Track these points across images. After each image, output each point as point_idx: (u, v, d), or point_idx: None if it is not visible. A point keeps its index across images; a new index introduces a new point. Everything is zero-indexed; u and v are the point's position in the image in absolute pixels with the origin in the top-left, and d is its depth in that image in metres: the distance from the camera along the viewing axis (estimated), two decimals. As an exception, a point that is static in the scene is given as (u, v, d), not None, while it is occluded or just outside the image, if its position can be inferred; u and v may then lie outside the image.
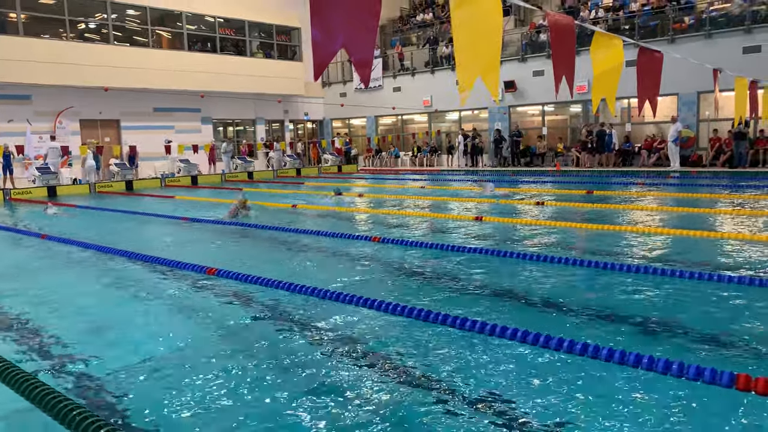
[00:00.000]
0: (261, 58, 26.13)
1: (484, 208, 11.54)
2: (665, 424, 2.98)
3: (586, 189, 14.04)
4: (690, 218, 9.37)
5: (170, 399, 3.41)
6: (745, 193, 12.56)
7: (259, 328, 4.64)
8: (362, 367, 3.79)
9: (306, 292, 5.32)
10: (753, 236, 7.49)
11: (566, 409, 3.14)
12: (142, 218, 12.21)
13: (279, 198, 15.24)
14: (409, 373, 3.68)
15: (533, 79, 22.51)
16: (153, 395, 3.49)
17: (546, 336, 3.86)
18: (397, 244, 7.78)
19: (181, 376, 3.73)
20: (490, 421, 3.04)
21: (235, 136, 27.19)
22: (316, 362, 3.87)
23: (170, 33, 23.34)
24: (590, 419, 3.05)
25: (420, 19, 28.98)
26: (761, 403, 3.06)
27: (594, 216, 9.96)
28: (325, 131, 30.22)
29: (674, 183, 15.68)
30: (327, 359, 3.93)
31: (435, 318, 4.40)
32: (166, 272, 6.70)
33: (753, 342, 4.01)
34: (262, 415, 3.18)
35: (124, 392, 3.53)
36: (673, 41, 19.52)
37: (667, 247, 7.32)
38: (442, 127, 26.53)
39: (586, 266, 6.16)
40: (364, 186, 18.56)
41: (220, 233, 9.54)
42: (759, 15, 18.28)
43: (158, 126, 23.23)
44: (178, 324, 4.92)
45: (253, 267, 6.76)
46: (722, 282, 5.34)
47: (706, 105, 19.29)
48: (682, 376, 3.29)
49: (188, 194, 17.30)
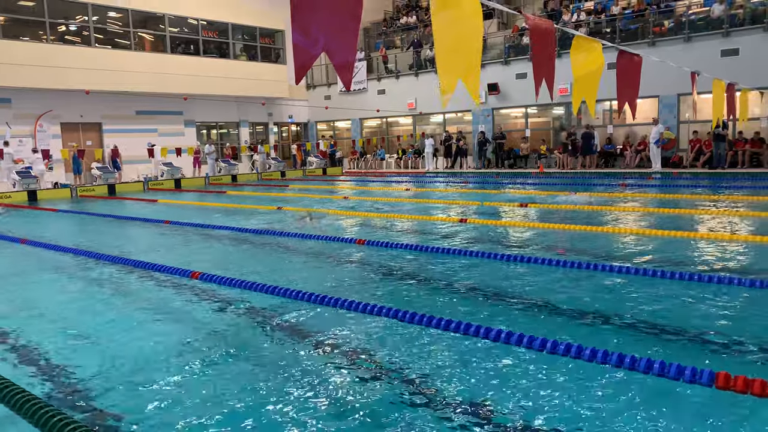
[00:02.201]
0: (244, 60, 26.03)
1: (468, 210, 11.58)
2: (647, 422, 3.01)
3: (569, 191, 14.16)
4: (671, 219, 9.48)
5: (151, 403, 3.38)
6: (724, 194, 12.75)
7: (242, 332, 4.62)
8: (346, 370, 3.79)
9: (290, 296, 5.31)
10: (732, 236, 7.60)
11: (550, 410, 3.16)
12: (125, 221, 12.11)
13: (264, 200, 15.19)
14: (392, 374, 3.69)
15: (516, 81, 22.67)
16: (134, 401, 3.45)
17: (530, 337, 3.89)
18: (381, 246, 7.79)
19: (163, 380, 3.70)
20: (475, 423, 3.05)
21: (219, 138, 27.05)
22: (300, 365, 3.86)
23: (153, 35, 23.17)
24: (576, 420, 3.07)
25: (404, 22, 29.07)
26: (742, 401, 3.11)
27: (578, 217, 10.04)
28: (310, 134, 30.17)
29: (655, 184, 15.87)
30: (311, 362, 3.92)
31: (420, 320, 4.41)
32: (149, 276, 6.64)
33: (733, 340, 4.07)
34: (244, 417, 3.16)
35: (105, 398, 3.49)
36: (654, 44, 19.78)
37: (648, 247, 7.40)
38: (427, 130, 26.63)
39: (569, 267, 6.21)
40: (350, 188, 18.55)
41: (205, 236, 9.48)
42: (737, 18, 18.59)
43: (141, 129, 23.05)
44: (160, 328, 4.88)
45: (238, 270, 6.73)
46: (702, 282, 5.42)
47: (686, 107, 19.57)
48: (664, 375, 3.33)
49: (172, 198, 17.17)
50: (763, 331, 4.24)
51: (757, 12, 18.17)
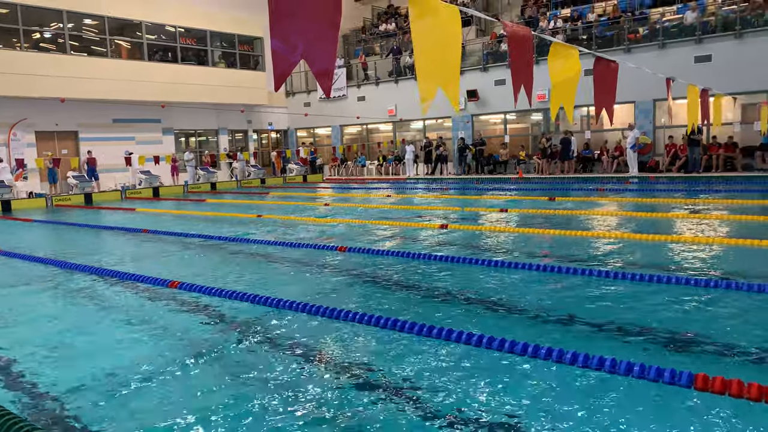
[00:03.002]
0: (223, 67, 25.89)
1: (448, 215, 11.62)
2: (628, 425, 3.03)
3: (549, 195, 14.29)
4: (648, 222, 9.61)
5: (127, 415, 3.32)
6: (700, 197, 12.97)
7: (222, 341, 4.57)
8: (326, 377, 3.76)
9: (270, 304, 5.27)
10: (708, 239, 7.73)
11: (531, 414, 3.17)
12: (102, 231, 11.93)
13: (243, 208, 15.08)
14: (372, 380, 3.67)
15: (495, 88, 22.86)
16: (109, 412, 3.39)
17: (511, 341, 3.90)
18: (362, 253, 7.77)
19: (140, 391, 3.64)
20: (458, 428, 3.04)
21: (198, 146, 26.83)
22: (279, 373, 3.83)
23: (129, 43, 22.94)
24: (555, 422, 3.08)
25: (383, 29, 29.17)
26: (721, 402, 3.15)
27: (558, 222, 10.13)
28: (290, 141, 30.08)
29: (632, 189, 16.08)
30: (291, 370, 3.89)
31: (401, 327, 4.40)
32: (126, 286, 6.55)
33: (709, 342, 4.12)
34: (224, 427, 3.12)
35: (80, 410, 3.42)
36: (629, 51, 20.09)
37: (626, 251, 7.49)
38: (407, 136, 26.71)
39: (549, 271, 6.26)
40: (331, 195, 18.50)
41: (183, 245, 9.37)
42: (709, 26, 18.98)
43: (118, 137, 22.77)
44: (137, 339, 4.80)
45: (217, 279, 6.66)
46: (680, 284, 5.49)
47: (662, 113, 19.90)
48: (644, 378, 3.36)
49: (150, 206, 16.97)
50: (739, 333, 4.31)
51: (729, 19, 18.57)
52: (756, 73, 17.59)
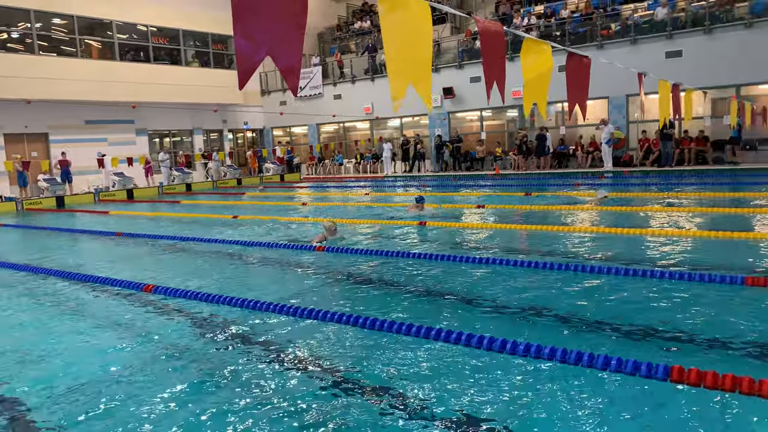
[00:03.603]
0: (197, 67, 25.59)
1: (427, 212, 11.63)
2: (608, 420, 3.05)
3: (525, 191, 14.39)
4: (623, 216, 9.72)
5: (99, 421, 3.25)
6: (673, 191, 13.17)
7: (200, 345, 4.49)
8: (307, 378, 3.72)
9: (248, 306, 5.20)
10: (681, 232, 7.84)
11: (510, 410, 3.17)
12: (75, 234, 11.70)
13: (219, 209, 14.92)
14: (354, 381, 3.64)
15: (471, 85, 22.94)
16: (81, 419, 3.31)
17: (490, 338, 3.89)
18: (341, 252, 7.73)
19: (114, 397, 3.56)
20: (442, 425, 3.03)
21: (172, 147, 26.48)
22: (255, 375, 3.78)
23: (100, 42, 22.53)
24: (532, 417, 3.09)
25: (358, 26, 29.08)
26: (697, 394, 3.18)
27: (534, 217, 10.19)
28: (266, 140, 29.84)
29: (607, 183, 16.26)
30: (270, 373, 3.84)
31: (380, 326, 4.38)
32: (99, 290, 6.42)
33: (684, 334, 4.17)
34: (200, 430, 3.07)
35: (56, 419, 3.34)
36: (602, 47, 20.31)
37: (603, 245, 7.56)
38: (384, 134, 26.68)
39: (526, 266, 6.28)
40: (308, 195, 18.40)
41: (158, 248, 9.23)
42: (679, 21, 19.27)
43: (90, 139, 22.36)
44: (111, 344, 4.70)
45: (193, 282, 6.57)
46: (654, 278, 5.55)
47: (635, 108, 20.16)
48: (621, 371, 3.38)
49: (124, 209, 16.70)
50: (712, 324, 4.37)
51: (698, 15, 18.88)
52: (725, 68, 17.92)
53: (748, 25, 17.84)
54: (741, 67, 17.78)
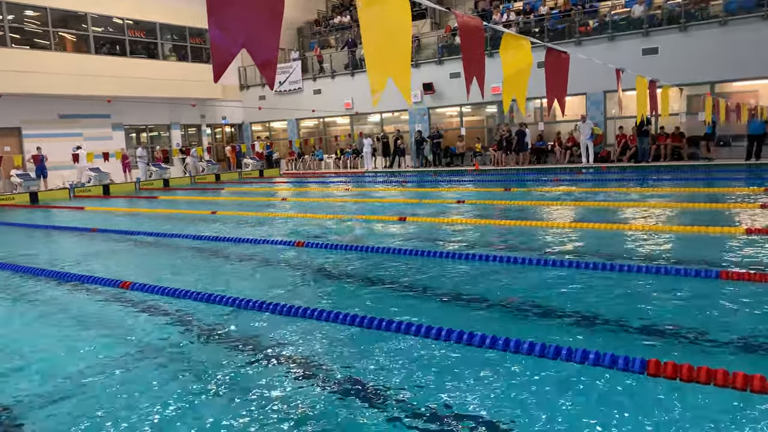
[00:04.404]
0: (174, 61, 25.25)
1: (407, 208, 11.63)
2: (587, 414, 3.07)
3: (505, 186, 14.47)
4: (600, 211, 9.83)
5: (77, 422, 3.19)
6: (649, 186, 13.35)
7: (177, 343, 4.44)
8: (287, 376, 3.70)
9: (227, 303, 5.15)
10: (656, 227, 7.94)
11: (490, 404, 3.18)
12: (48, 231, 11.49)
13: (197, 205, 14.77)
14: (334, 378, 3.62)
15: (450, 81, 22.98)
16: (61, 419, 3.25)
17: (469, 333, 3.90)
18: (321, 248, 7.69)
19: (91, 397, 3.50)
20: (424, 422, 3.03)
21: (149, 142, 26.13)
22: (237, 373, 3.74)
23: (74, 35, 22.11)
24: (507, 410, 3.10)
25: (338, 21, 28.95)
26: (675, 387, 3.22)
27: (513, 212, 10.25)
28: (245, 135, 29.59)
29: (586, 179, 16.42)
30: (249, 370, 3.80)
31: (360, 322, 4.36)
32: (75, 288, 6.31)
33: (663, 327, 4.23)
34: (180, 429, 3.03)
35: (29, 418, 3.27)
36: (580, 43, 20.48)
37: (580, 240, 7.63)
38: (365, 129, 26.62)
39: (506, 262, 6.31)
40: (288, 190, 18.30)
41: (135, 244, 9.10)
42: (655, 19, 19.51)
43: (65, 134, 21.96)
44: (87, 342, 4.62)
45: (171, 279, 6.49)
46: (632, 272, 5.61)
47: (612, 104, 20.38)
48: (599, 365, 3.41)
49: (100, 204, 16.44)
50: (687, 318, 4.43)
51: (674, 13, 19.13)
52: (700, 65, 18.19)
53: (722, 23, 18.13)
54: (715, 64, 18.08)
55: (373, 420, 3.09)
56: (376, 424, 3.05)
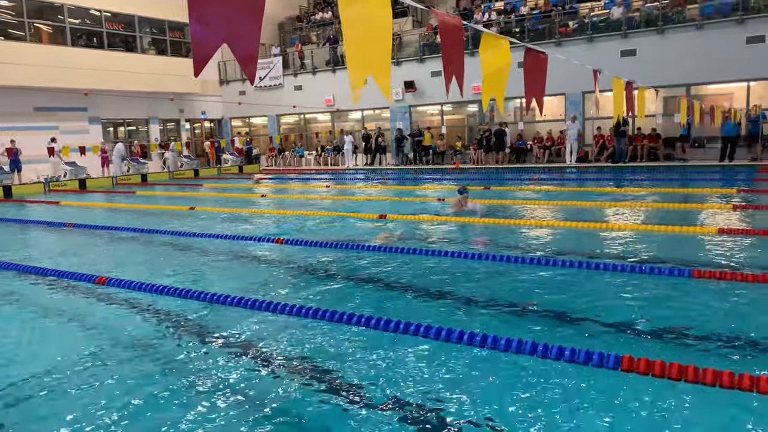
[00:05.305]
0: (153, 54, 24.93)
1: (387, 206, 11.66)
2: (565, 409, 3.12)
3: (484, 185, 14.57)
4: (577, 210, 9.95)
5: (53, 419, 3.15)
6: (626, 186, 13.54)
7: (153, 338, 4.41)
8: (266, 372, 3.70)
9: (205, 299, 5.12)
10: (631, 226, 8.07)
11: (467, 401, 3.22)
12: (22, 225, 11.29)
13: (176, 200, 14.62)
14: (312, 374, 3.63)
15: (432, 79, 23.04)
16: (34, 416, 3.21)
17: (448, 329, 3.93)
18: (300, 245, 7.68)
19: (66, 393, 3.46)
20: (399, 419, 3.05)
21: (127, 136, 25.77)
22: (215, 370, 3.73)
23: (50, 26, 21.71)
24: (497, 411, 3.14)
25: (319, 17, 28.83)
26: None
27: (495, 210, 10.32)
28: (224, 130, 29.34)
29: (564, 178, 16.60)
30: (227, 366, 3.79)
31: (339, 318, 4.38)
32: (52, 283, 6.21)
33: (633, 325, 4.31)
34: (157, 427, 3.01)
35: (6, 416, 3.23)
36: (560, 44, 20.67)
37: (559, 239, 7.72)
38: (346, 127, 26.56)
39: (485, 259, 6.37)
40: (267, 187, 18.20)
41: (112, 239, 8.99)
42: (634, 21, 19.77)
43: (40, 127, 21.54)
44: (62, 339, 4.57)
45: (148, 274, 6.43)
46: (608, 270, 5.70)
47: (590, 105, 20.60)
48: (574, 361, 3.47)
49: (76, 199, 16.19)
50: (660, 315, 4.52)
51: (652, 15, 19.40)
52: (676, 68, 18.49)
53: (698, 26, 18.44)
54: (691, 66, 18.39)
55: (339, 412, 3.11)
56: (342, 415, 3.07)
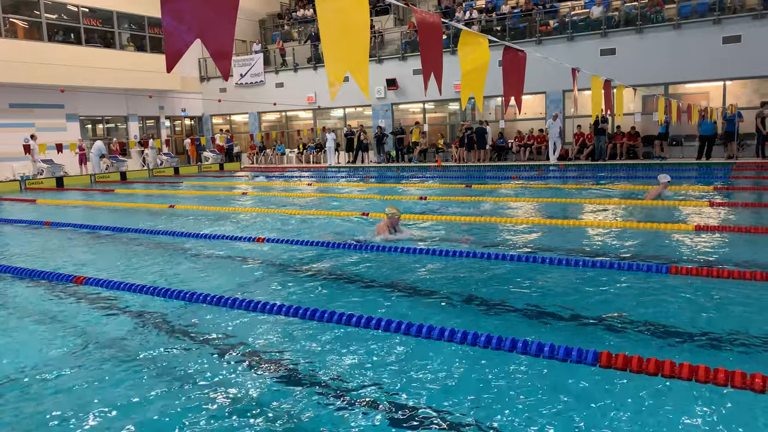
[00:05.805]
0: (132, 51, 24.62)
1: (369, 204, 11.65)
2: (547, 405, 3.15)
3: (466, 183, 14.62)
4: (558, 207, 10.03)
5: (33, 419, 3.10)
6: (606, 183, 13.68)
7: (132, 338, 4.35)
8: (247, 371, 3.67)
9: (184, 298, 5.08)
10: (610, 223, 8.15)
11: (451, 398, 3.23)
12: None
13: (155, 198, 14.47)
14: (294, 372, 3.62)
15: (414, 77, 23.06)
16: (12, 418, 3.15)
17: (428, 326, 3.95)
18: (282, 243, 7.64)
19: (45, 394, 3.41)
20: (383, 417, 3.05)
21: (106, 133, 25.43)
22: (194, 369, 3.70)
23: (26, 21, 21.32)
24: (479, 407, 3.15)
25: (301, 14, 28.69)
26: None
27: (476, 208, 10.37)
28: (205, 128, 29.09)
29: (545, 176, 16.72)
30: (207, 364, 3.76)
31: (321, 316, 4.36)
32: (28, 284, 6.11)
33: (611, 321, 4.35)
34: (136, 427, 2.98)
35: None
36: (540, 43, 20.81)
37: (540, 235, 7.78)
38: (328, 124, 26.47)
39: (468, 257, 6.39)
40: (249, 185, 18.08)
41: (90, 238, 8.87)
42: (613, 20, 19.98)
43: (16, 123, 21.15)
44: (40, 340, 4.49)
45: (126, 273, 6.35)
46: (587, 267, 5.76)
47: (571, 103, 20.78)
48: (554, 357, 3.50)
49: (53, 197, 15.94)
50: (639, 311, 4.57)
51: (631, 15, 19.62)
52: (655, 67, 18.73)
53: (676, 26, 18.68)
54: (669, 66, 18.64)
55: (322, 409, 3.11)
56: (325, 414, 3.06)
